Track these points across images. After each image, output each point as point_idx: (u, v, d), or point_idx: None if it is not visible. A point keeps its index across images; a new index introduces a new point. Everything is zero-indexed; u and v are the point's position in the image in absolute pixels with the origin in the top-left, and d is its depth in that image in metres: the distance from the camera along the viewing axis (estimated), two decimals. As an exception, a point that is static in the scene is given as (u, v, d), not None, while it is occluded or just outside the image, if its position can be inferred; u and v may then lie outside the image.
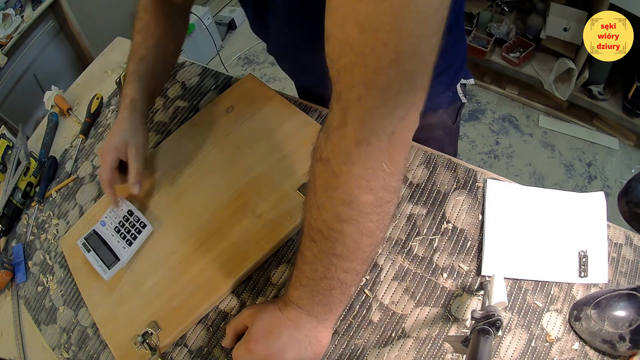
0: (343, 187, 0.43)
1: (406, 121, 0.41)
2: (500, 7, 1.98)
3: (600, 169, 1.79)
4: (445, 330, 0.59)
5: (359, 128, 0.40)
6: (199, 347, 0.64)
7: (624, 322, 0.52)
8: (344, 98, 0.40)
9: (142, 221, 0.73)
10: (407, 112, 0.41)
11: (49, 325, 0.74)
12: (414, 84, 0.39)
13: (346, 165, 0.42)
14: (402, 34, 0.36)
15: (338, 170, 0.43)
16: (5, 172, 0.91)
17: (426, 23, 0.36)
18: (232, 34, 2.77)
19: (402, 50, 0.37)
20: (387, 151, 0.42)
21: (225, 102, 0.87)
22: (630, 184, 0.47)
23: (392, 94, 0.39)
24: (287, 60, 0.86)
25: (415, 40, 0.37)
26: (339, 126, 0.42)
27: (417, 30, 0.36)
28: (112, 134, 0.73)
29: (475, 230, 0.66)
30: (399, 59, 0.37)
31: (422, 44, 0.37)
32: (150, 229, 0.72)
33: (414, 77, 0.39)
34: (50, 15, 1.97)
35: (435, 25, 0.37)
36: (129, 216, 0.74)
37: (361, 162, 0.42)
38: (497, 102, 2.06)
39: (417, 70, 0.39)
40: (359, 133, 0.41)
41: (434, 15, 0.37)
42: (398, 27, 0.35)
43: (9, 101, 1.87)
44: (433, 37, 0.38)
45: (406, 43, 0.36)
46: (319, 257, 0.48)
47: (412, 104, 0.41)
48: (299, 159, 0.75)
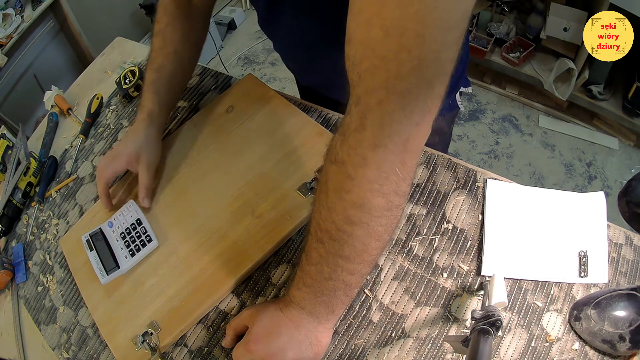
0: (356, 189, 0.43)
1: (421, 127, 0.42)
2: (500, 7, 1.98)
3: (600, 169, 1.79)
4: (445, 330, 0.59)
5: (377, 132, 0.41)
6: (199, 347, 0.64)
7: (624, 322, 0.52)
8: (363, 102, 0.40)
9: (148, 234, 0.72)
10: (423, 118, 0.41)
11: (49, 325, 0.74)
12: (432, 91, 0.40)
13: (361, 168, 0.42)
14: (425, 41, 0.36)
15: (353, 172, 0.43)
16: (5, 172, 0.91)
17: (448, 32, 0.37)
18: (232, 34, 2.77)
19: (425, 57, 0.37)
20: (401, 156, 0.42)
21: (225, 102, 0.87)
22: (630, 184, 0.47)
23: (410, 100, 0.39)
24: (295, 58, 0.86)
25: (437, 48, 0.37)
26: (357, 129, 0.42)
27: (440, 38, 0.36)
28: (125, 142, 0.75)
29: (475, 230, 0.66)
30: (420, 66, 0.37)
31: (443, 53, 0.38)
32: (156, 244, 0.71)
33: (432, 84, 0.39)
34: (50, 15, 1.97)
35: (456, 35, 0.38)
36: (137, 225, 0.73)
37: (376, 166, 0.42)
38: (497, 102, 2.06)
39: (436, 78, 0.39)
40: (377, 137, 0.41)
41: (457, 26, 0.37)
42: (422, 34, 0.36)
43: (9, 101, 1.88)
44: (453, 46, 0.38)
45: (428, 50, 0.37)
46: (325, 259, 0.48)
47: (427, 111, 0.41)
48: (299, 159, 0.75)
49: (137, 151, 0.74)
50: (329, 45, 0.44)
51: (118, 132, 0.94)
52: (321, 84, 0.89)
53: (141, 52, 1.09)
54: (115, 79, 1.01)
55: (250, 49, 2.63)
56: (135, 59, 1.08)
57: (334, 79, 0.43)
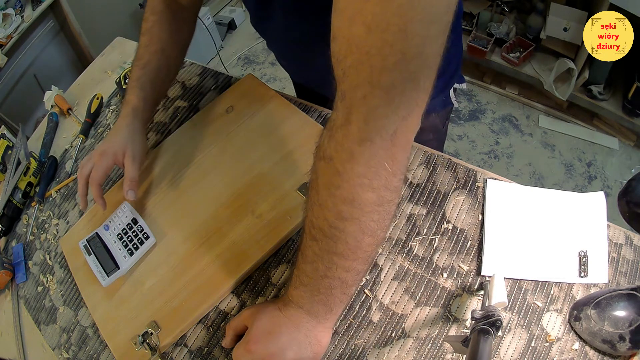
0: (345, 185, 0.43)
1: (408, 121, 0.42)
2: (500, 7, 1.98)
3: (600, 169, 1.79)
4: (445, 330, 0.59)
5: (362, 126, 0.41)
6: (199, 347, 0.64)
7: (624, 322, 0.52)
8: (348, 97, 0.41)
9: (145, 232, 0.72)
10: (410, 112, 0.41)
11: (49, 325, 0.74)
12: (417, 85, 0.40)
13: (349, 164, 0.42)
14: (407, 35, 0.36)
15: (341, 168, 0.43)
16: (5, 172, 0.91)
17: (432, 25, 0.37)
18: (232, 34, 2.77)
19: (408, 52, 0.37)
20: (389, 150, 0.42)
21: (225, 102, 0.87)
22: (630, 184, 0.47)
23: (396, 94, 0.39)
24: (288, 56, 0.86)
25: (421, 42, 0.37)
26: (343, 124, 0.42)
27: (423, 32, 0.37)
28: (110, 139, 0.73)
29: (475, 230, 0.66)
30: (404, 60, 0.37)
31: (427, 46, 0.38)
32: (153, 241, 0.72)
33: (417, 78, 0.39)
34: (50, 15, 1.97)
35: (440, 28, 0.37)
36: (132, 224, 0.73)
37: (364, 161, 0.42)
38: (497, 102, 2.06)
39: (421, 72, 0.39)
40: (362, 132, 0.41)
41: (440, 19, 0.37)
42: (404, 29, 0.36)
43: (9, 101, 1.87)
44: (438, 40, 0.38)
45: (411, 44, 0.37)
46: (320, 256, 0.48)
47: (414, 105, 0.41)
48: (299, 159, 0.75)
49: (123, 146, 0.72)
50: (321, 43, 0.44)
51: (118, 132, 0.94)
52: (315, 82, 0.89)
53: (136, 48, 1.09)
54: (115, 79, 1.01)
55: (250, 49, 2.63)
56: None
57: (327, 77, 0.43)
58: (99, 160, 0.71)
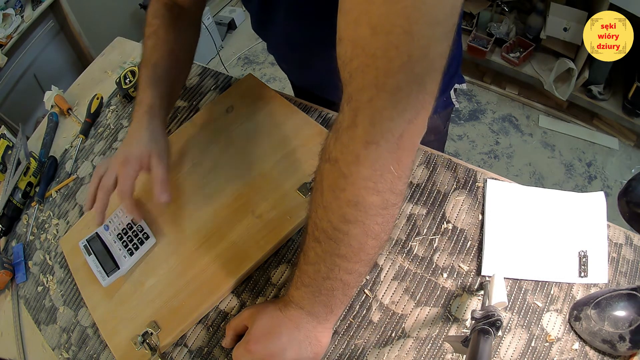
0: (350, 187, 0.43)
1: (414, 124, 0.42)
2: (500, 7, 1.98)
3: (600, 169, 1.79)
4: (445, 330, 0.59)
5: (368, 129, 0.41)
6: (199, 347, 0.64)
7: (624, 322, 0.52)
8: (354, 100, 0.41)
9: (145, 232, 0.72)
10: (416, 115, 0.41)
11: (49, 325, 0.74)
12: (423, 87, 0.40)
13: (355, 166, 0.42)
14: (413, 37, 0.36)
15: (346, 170, 0.43)
16: (5, 172, 0.91)
17: (437, 27, 0.37)
18: (232, 34, 2.77)
19: (413, 54, 0.37)
20: (395, 153, 0.42)
21: (225, 102, 0.87)
22: (630, 184, 0.47)
23: (402, 97, 0.39)
24: (289, 59, 0.86)
25: (426, 44, 0.37)
26: (349, 127, 0.42)
27: (428, 34, 0.36)
28: (129, 144, 0.67)
29: (475, 230, 0.66)
30: (409, 62, 0.37)
31: (433, 48, 0.38)
32: (153, 241, 0.71)
33: (423, 81, 0.39)
34: (50, 15, 1.97)
35: (445, 30, 0.37)
36: (132, 224, 0.73)
37: (369, 164, 0.42)
38: (497, 102, 2.06)
39: (427, 74, 0.39)
40: (368, 134, 0.41)
41: (445, 20, 0.37)
42: (410, 31, 0.36)
43: (9, 101, 1.87)
44: (443, 41, 0.38)
45: (417, 46, 0.37)
46: (322, 258, 0.48)
47: (420, 108, 0.41)
48: (299, 159, 0.75)
49: (146, 148, 0.67)
50: (323, 47, 0.44)
51: (118, 132, 0.94)
52: (315, 85, 0.89)
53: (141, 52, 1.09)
54: (115, 79, 1.01)
55: (250, 49, 2.63)
56: (135, 59, 1.08)
57: (328, 80, 0.43)
58: (123, 169, 0.65)
